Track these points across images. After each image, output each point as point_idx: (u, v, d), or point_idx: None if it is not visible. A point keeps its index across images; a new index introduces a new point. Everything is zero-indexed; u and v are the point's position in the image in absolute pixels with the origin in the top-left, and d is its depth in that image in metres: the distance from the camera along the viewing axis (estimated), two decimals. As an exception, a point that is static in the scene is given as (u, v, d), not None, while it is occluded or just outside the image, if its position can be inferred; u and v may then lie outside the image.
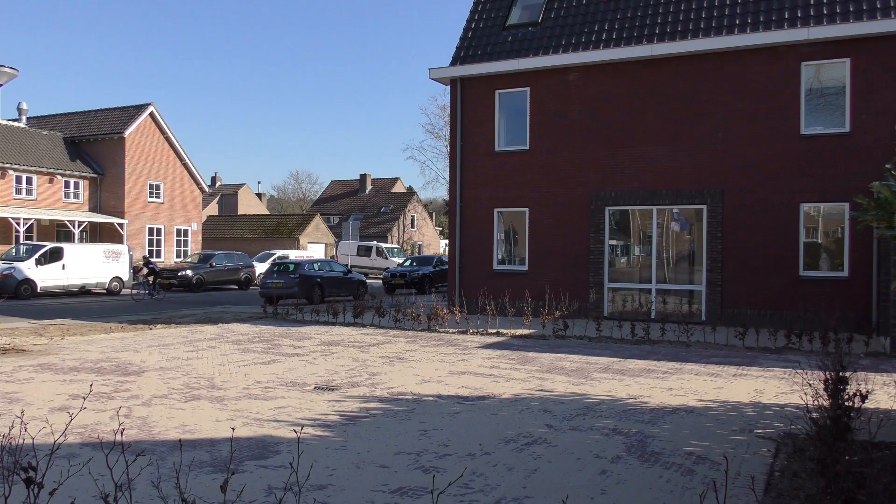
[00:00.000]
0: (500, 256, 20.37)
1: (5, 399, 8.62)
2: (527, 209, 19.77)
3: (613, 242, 18.82)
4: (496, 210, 20.22)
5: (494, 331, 16.11)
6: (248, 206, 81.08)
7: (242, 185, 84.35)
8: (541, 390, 9.49)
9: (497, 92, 20.18)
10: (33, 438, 5.01)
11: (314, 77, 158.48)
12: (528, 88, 19.76)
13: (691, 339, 14.49)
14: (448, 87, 21.25)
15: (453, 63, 20.81)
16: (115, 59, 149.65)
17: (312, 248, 51.88)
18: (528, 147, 19.76)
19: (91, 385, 9.23)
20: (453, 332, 16.18)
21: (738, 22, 17.49)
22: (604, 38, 18.88)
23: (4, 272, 26.62)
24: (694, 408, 8.44)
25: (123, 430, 6.41)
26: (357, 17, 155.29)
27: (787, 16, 17.03)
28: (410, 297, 24.82)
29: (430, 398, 8.94)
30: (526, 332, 15.90)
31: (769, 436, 7.09)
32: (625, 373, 10.92)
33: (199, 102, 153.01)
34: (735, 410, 8.31)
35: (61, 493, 3.99)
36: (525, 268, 19.74)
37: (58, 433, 5.64)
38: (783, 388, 9.70)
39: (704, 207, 17.54)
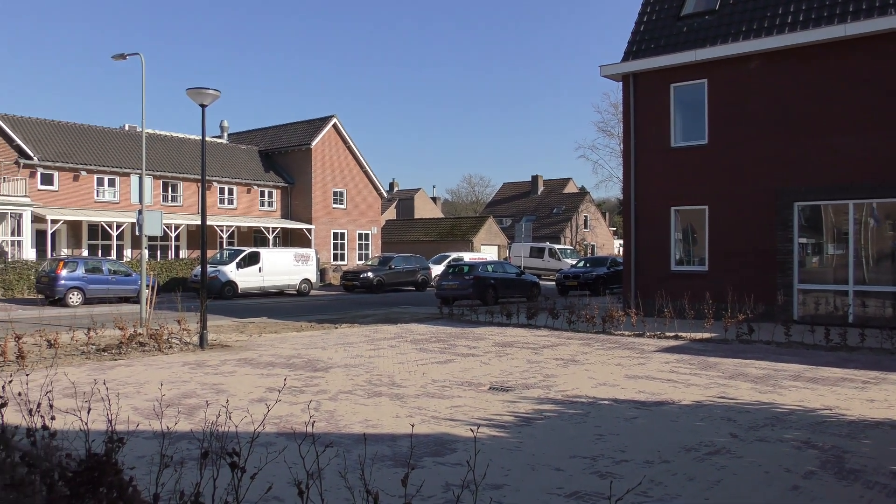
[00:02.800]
0: (677, 256, 19.59)
1: (213, 390, 9.52)
2: (706, 207, 18.86)
3: (803, 240, 17.49)
4: (673, 208, 19.47)
5: (672, 334, 15.53)
6: (424, 209, 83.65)
7: (418, 189, 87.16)
8: (723, 397, 9.03)
9: (672, 85, 19.44)
10: (236, 426, 5.50)
11: (485, 81, 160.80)
12: (705, 80, 18.87)
13: (897, 345, 13.16)
14: (620, 84, 20.78)
15: (625, 58, 20.30)
16: (301, 74, 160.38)
17: (486, 250, 52.62)
18: (706, 142, 18.87)
19: (285, 379, 9.98)
20: (629, 335, 15.78)
21: (950, -8, 15.65)
22: (789, 21, 17.61)
23: (210, 275, 29.35)
24: (901, 422, 7.67)
25: (313, 422, 6.87)
26: (527, 19, 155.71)
27: None
28: (584, 299, 24.50)
29: (606, 402, 8.80)
30: (706, 335, 15.19)
31: None
32: (818, 381, 10.13)
33: (378, 112, 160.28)
34: (951, 426, 7.46)
35: (260, 477, 4.36)
36: (705, 268, 18.84)
37: (257, 423, 6.15)
38: None
39: (912, 200, 15.84)
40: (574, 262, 40.96)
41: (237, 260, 30.65)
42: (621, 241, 31.76)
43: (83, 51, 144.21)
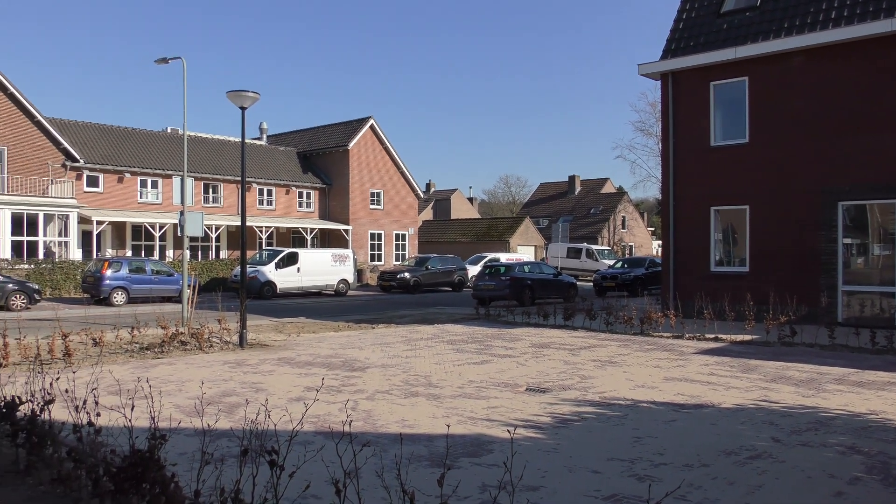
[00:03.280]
0: (717, 257, 19.31)
1: (252, 388, 9.65)
2: (747, 207, 18.55)
3: (848, 241, 17.10)
4: (713, 208, 19.19)
5: (712, 336, 15.31)
6: (461, 210, 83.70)
7: (455, 190, 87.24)
8: (765, 401, 8.88)
9: (712, 84, 19.17)
10: (275, 425, 5.58)
11: (521, 81, 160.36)
12: (745, 78, 18.56)
13: (947, 349, 12.78)
14: (658, 83, 20.55)
15: (663, 57, 20.08)
16: (339, 76, 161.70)
17: (522, 251, 52.44)
18: (747, 140, 18.56)
19: (323, 379, 10.07)
20: (668, 337, 15.60)
21: None
22: (832, 16, 17.23)
23: (250, 275, 29.77)
24: (951, 427, 7.45)
25: (351, 421, 6.92)
26: (564, 19, 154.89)
27: None
28: (622, 300, 24.26)
29: (644, 404, 8.71)
30: (747, 338, 14.94)
31: None
32: (864, 385, 9.90)
33: (415, 113, 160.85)
34: None
35: (298, 475, 4.41)
36: (746, 269, 18.53)
37: (295, 421, 6.22)
38: None
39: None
40: (612, 262, 40.63)
41: (276, 260, 31.02)
42: (660, 242, 31.42)
43: (128, 56, 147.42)
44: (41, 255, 30.79)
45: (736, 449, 6.66)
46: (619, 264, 35.01)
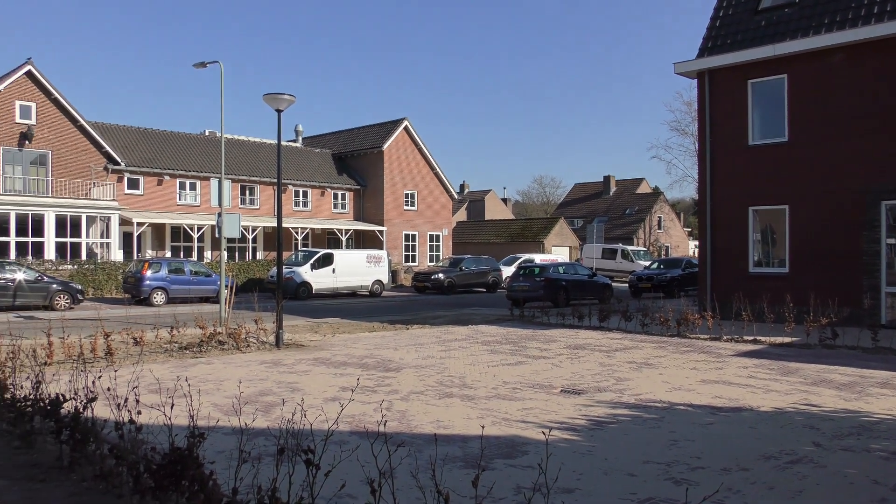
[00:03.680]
0: (755, 258, 18.99)
1: (288, 388, 9.75)
2: (786, 206, 18.22)
3: (892, 241, 16.69)
4: (751, 208, 18.88)
5: (751, 338, 15.06)
6: (495, 211, 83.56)
7: (489, 191, 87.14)
8: (806, 404, 8.71)
9: (749, 82, 18.87)
10: (311, 424, 5.63)
11: (556, 81, 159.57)
12: (784, 75, 18.24)
13: None
14: (695, 81, 20.30)
15: (700, 55, 19.82)
16: (373, 78, 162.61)
17: (556, 252, 52.18)
18: (786, 139, 18.23)
19: (358, 379, 10.14)
20: (705, 339, 15.39)
21: None
22: (875, 11, 16.83)
23: (286, 276, 30.07)
24: None
25: (386, 421, 6.96)
26: (598, 19, 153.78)
27: None
28: (658, 301, 24.00)
29: (681, 407, 8.61)
30: (787, 340, 14.67)
31: None
32: (909, 389, 9.65)
33: (449, 114, 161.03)
34: None
35: (334, 475, 4.45)
36: (785, 270, 18.20)
37: (331, 421, 6.26)
38: None
39: None
40: (647, 263, 40.24)
41: (312, 261, 31.29)
42: (696, 243, 31.02)
43: (167, 60, 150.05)
44: (84, 256, 31.49)
45: (776, 453, 6.55)
46: (655, 265, 34.65)
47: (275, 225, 38.35)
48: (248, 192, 39.99)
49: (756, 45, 18.63)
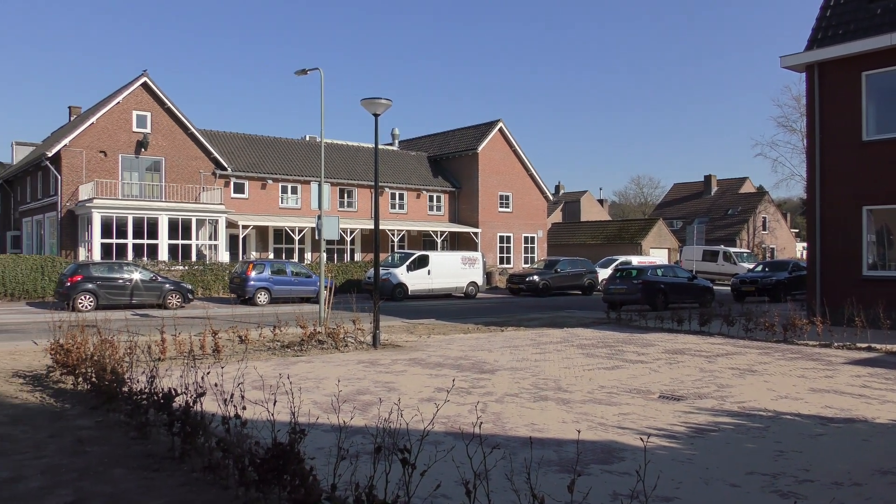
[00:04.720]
0: (870, 261, 17.92)
1: (385, 388, 9.94)
2: (906, 206, 17.12)
3: None
4: (865, 208, 17.84)
5: (865, 345, 14.24)
6: (590, 212, 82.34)
7: (584, 192, 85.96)
8: (927, 417, 8.16)
9: (864, 74, 17.83)
10: (407, 424, 5.72)
11: (653, 79, 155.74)
12: (905, 67, 17.14)
13: None
14: (803, 75, 19.36)
15: (809, 47, 18.89)
16: (468, 80, 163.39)
17: (655, 254, 50.87)
18: (906, 134, 17.13)
19: (453, 380, 10.21)
20: (813, 345, 14.66)
21: None
22: None
23: (383, 277, 30.62)
24: None
25: (480, 423, 6.98)
26: (698, 11, 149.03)
27: None
28: (762, 306, 23.01)
29: (788, 416, 8.24)
30: (907, 347, 13.78)
31: None
32: None
33: (543, 115, 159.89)
34: None
35: (429, 475, 4.50)
36: (905, 274, 17.10)
37: (426, 421, 6.35)
38: None
39: None
40: (751, 266, 38.72)
41: (407, 263, 31.73)
42: (804, 244, 29.55)
43: (270, 69, 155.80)
44: (193, 258, 33.09)
45: (892, 468, 6.17)
46: (759, 268, 33.28)
47: (372, 227, 39.13)
48: (346, 195, 40.97)
49: (871, 35, 17.58)
